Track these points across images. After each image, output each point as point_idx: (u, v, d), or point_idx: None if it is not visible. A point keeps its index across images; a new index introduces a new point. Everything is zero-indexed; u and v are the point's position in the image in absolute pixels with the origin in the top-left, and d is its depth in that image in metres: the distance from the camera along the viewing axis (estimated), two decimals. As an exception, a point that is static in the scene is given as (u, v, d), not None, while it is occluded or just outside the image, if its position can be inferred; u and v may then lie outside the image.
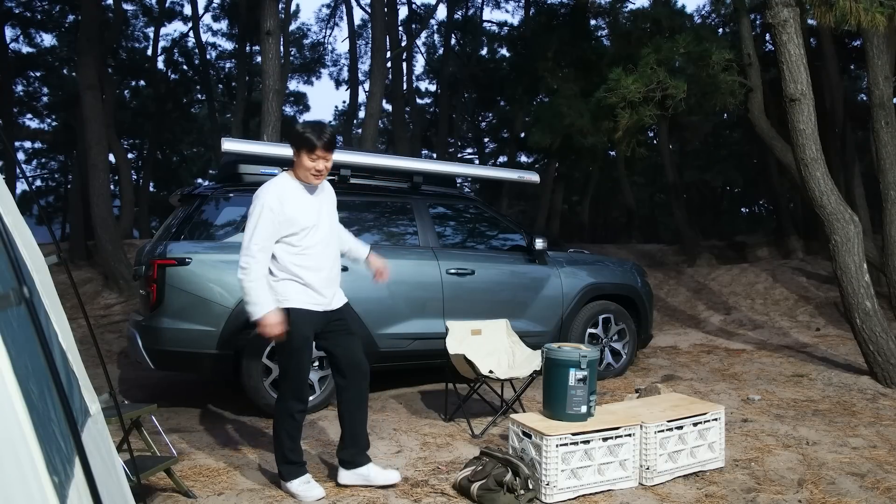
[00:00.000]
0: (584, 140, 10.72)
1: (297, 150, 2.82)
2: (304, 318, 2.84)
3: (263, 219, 2.76)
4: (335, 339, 2.98)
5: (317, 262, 2.87)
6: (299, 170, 2.85)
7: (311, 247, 2.85)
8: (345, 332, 3.00)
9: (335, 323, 2.98)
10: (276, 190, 2.81)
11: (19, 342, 1.36)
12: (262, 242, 2.77)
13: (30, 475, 1.18)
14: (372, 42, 11.59)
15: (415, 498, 2.91)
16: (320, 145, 2.78)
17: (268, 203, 2.76)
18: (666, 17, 10.14)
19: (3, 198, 1.73)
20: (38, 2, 16.55)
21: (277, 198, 2.78)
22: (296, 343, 2.83)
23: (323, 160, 2.83)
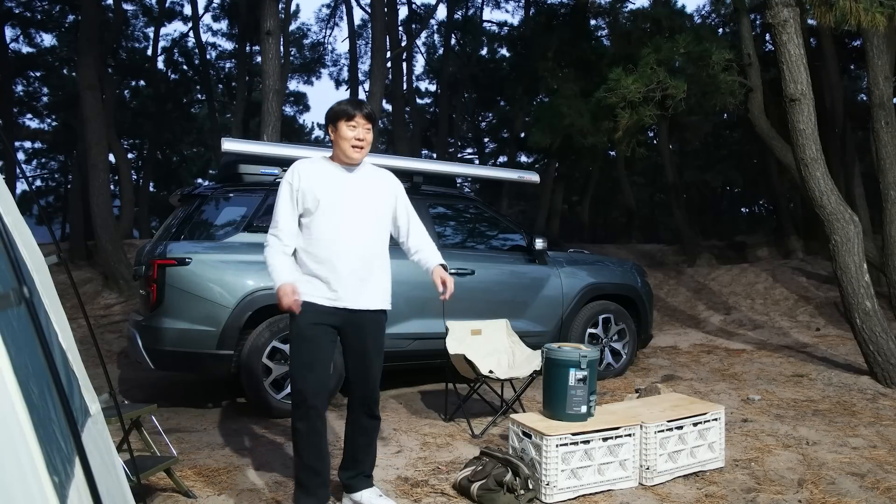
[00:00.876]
0: (584, 140, 10.73)
1: (334, 124, 2.62)
2: (306, 308, 2.56)
3: (282, 194, 2.61)
4: (347, 353, 2.71)
5: (328, 253, 2.57)
6: (339, 146, 2.62)
7: (326, 232, 2.57)
8: (357, 352, 2.68)
9: (352, 332, 2.66)
10: (300, 165, 2.64)
11: (19, 342, 1.36)
12: (282, 219, 2.59)
13: (30, 475, 1.18)
14: (372, 42, 11.58)
15: (415, 498, 2.91)
16: (359, 112, 2.59)
17: (287, 177, 2.63)
18: (666, 17, 10.14)
19: (3, 198, 1.73)
20: (39, 2, 16.56)
21: (299, 172, 2.61)
22: (294, 333, 2.60)
23: (364, 128, 2.60)
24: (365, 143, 2.61)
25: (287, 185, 2.61)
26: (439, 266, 2.74)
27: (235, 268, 4.23)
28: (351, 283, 2.59)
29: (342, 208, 2.59)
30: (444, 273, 2.71)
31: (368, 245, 2.65)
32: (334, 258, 2.57)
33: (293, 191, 2.59)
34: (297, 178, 2.59)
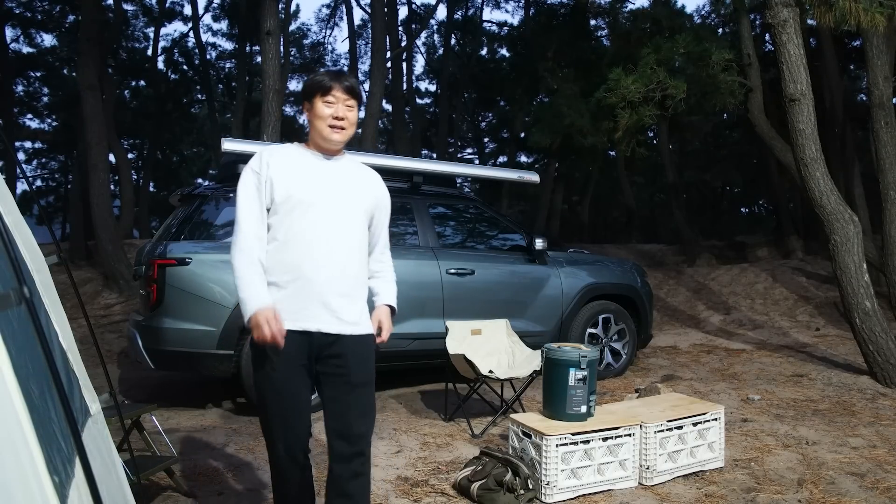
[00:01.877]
0: (584, 140, 10.74)
1: (309, 100, 2.10)
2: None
3: (244, 187, 2.09)
4: (325, 388, 2.07)
5: (301, 259, 2.01)
6: (314, 127, 2.10)
7: (299, 232, 2.03)
8: (340, 382, 2.04)
9: (331, 361, 2.04)
10: (267, 151, 2.14)
11: (20, 342, 1.36)
12: (246, 220, 2.05)
13: (30, 475, 1.18)
14: (372, 42, 11.59)
15: (415, 498, 2.91)
16: (338, 85, 2.06)
17: (250, 164, 2.11)
18: (666, 17, 10.15)
19: (4, 198, 1.73)
20: (39, 2, 16.56)
21: (266, 159, 2.09)
22: (259, 378, 2.04)
23: (344, 104, 2.07)
24: (346, 123, 2.08)
25: (251, 175, 2.07)
26: (385, 306, 2.21)
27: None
28: (329, 298, 2.02)
29: (320, 204, 2.06)
30: (385, 317, 2.19)
31: (352, 252, 2.09)
32: (309, 266, 2.01)
33: (260, 181, 2.06)
34: (265, 166, 2.06)
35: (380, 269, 2.27)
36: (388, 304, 2.23)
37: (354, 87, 2.11)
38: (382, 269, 2.28)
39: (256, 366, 2.07)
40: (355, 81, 2.14)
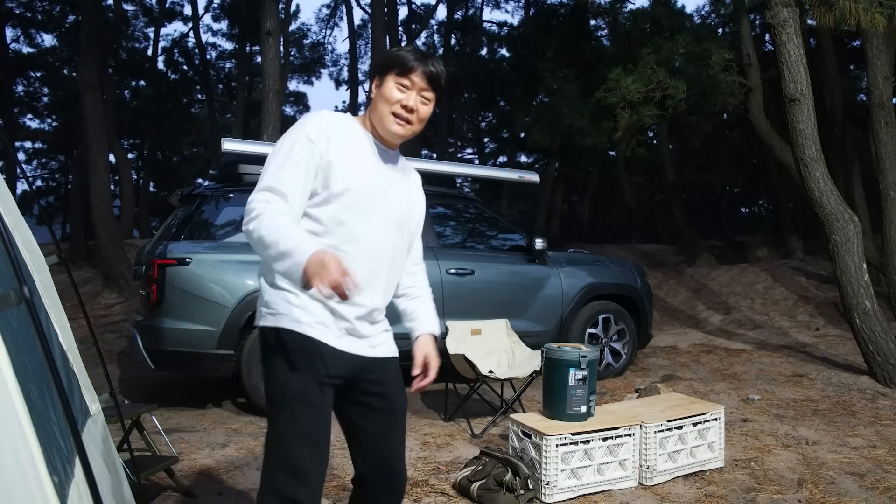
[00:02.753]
0: (584, 140, 10.74)
1: (381, 76, 1.69)
2: (304, 349, 1.60)
3: (294, 148, 1.60)
4: (365, 417, 1.74)
5: (354, 264, 1.55)
6: (375, 109, 1.69)
7: (351, 235, 1.64)
8: (384, 411, 1.76)
9: (370, 387, 1.73)
10: (329, 120, 1.67)
11: (19, 342, 1.36)
12: (289, 182, 1.58)
13: (30, 475, 1.18)
14: (372, 42, 11.60)
15: (415, 498, 2.92)
16: (420, 68, 1.65)
17: (306, 129, 1.62)
18: (666, 17, 10.16)
19: (4, 198, 1.73)
20: (39, 2, 16.56)
21: (326, 132, 1.63)
22: (280, 393, 1.61)
23: (418, 95, 1.67)
24: (416, 118, 1.68)
25: (305, 142, 1.61)
26: (429, 336, 1.84)
27: (235, 268, 4.24)
28: (369, 317, 1.72)
29: (379, 208, 1.68)
30: (432, 350, 1.82)
31: (395, 269, 1.78)
32: (365, 276, 1.64)
33: (313, 155, 1.60)
34: (323, 140, 1.62)
35: (414, 285, 1.89)
36: (432, 333, 1.84)
37: (440, 76, 1.69)
38: (417, 284, 1.90)
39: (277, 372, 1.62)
40: (443, 70, 1.70)
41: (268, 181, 1.59)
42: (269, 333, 1.64)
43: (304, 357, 1.60)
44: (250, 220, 1.52)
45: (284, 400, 1.60)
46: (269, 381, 1.65)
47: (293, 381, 1.60)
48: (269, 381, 1.65)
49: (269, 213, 1.50)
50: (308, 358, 1.60)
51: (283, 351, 1.61)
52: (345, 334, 1.66)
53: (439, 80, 1.70)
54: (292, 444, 1.59)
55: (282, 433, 1.61)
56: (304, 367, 1.60)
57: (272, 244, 1.45)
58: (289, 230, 1.47)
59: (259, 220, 1.50)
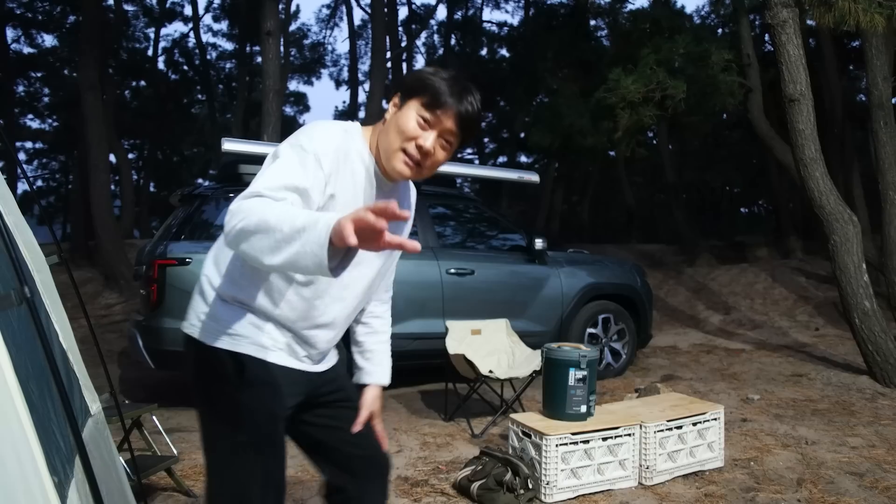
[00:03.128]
0: (584, 140, 10.75)
1: (403, 96, 1.40)
2: (270, 381, 1.41)
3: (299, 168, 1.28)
4: (330, 418, 1.58)
5: (324, 304, 1.44)
6: (387, 135, 1.39)
7: (323, 288, 1.43)
8: (347, 406, 1.60)
9: (329, 394, 1.58)
10: (340, 140, 1.37)
11: (20, 342, 1.36)
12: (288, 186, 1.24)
13: (31, 475, 1.18)
14: (372, 42, 11.61)
15: (415, 497, 2.92)
16: (455, 106, 1.35)
17: (318, 148, 1.31)
18: (665, 17, 10.17)
19: (5, 198, 1.74)
20: (40, 3, 16.57)
21: (332, 165, 1.33)
22: (237, 433, 1.38)
23: (440, 137, 1.37)
24: (429, 162, 1.38)
25: (313, 161, 1.30)
26: (378, 388, 1.66)
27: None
28: (328, 343, 1.53)
29: (367, 260, 1.48)
30: (378, 405, 1.65)
31: (369, 297, 1.60)
32: (332, 316, 1.47)
33: (319, 178, 1.31)
34: (331, 172, 1.33)
35: (380, 315, 1.69)
36: (383, 385, 1.67)
37: (474, 120, 1.39)
38: (382, 314, 1.70)
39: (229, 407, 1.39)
40: (478, 111, 1.39)
41: (260, 187, 1.21)
42: (221, 357, 1.37)
43: (270, 390, 1.38)
44: (239, 220, 1.14)
45: (243, 442, 1.37)
46: (216, 415, 1.41)
47: (256, 418, 1.37)
48: (216, 415, 1.41)
49: (263, 209, 1.13)
50: (273, 391, 1.39)
51: (243, 382, 1.36)
52: (305, 358, 1.48)
53: (472, 124, 1.38)
54: (256, 495, 1.36)
55: (240, 481, 1.37)
56: (269, 402, 1.38)
57: (277, 225, 1.07)
58: (296, 210, 1.14)
59: (251, 214, 1.12)
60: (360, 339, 1.67)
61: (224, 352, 1.38)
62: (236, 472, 1.39)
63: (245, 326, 1.40)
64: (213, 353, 1.39)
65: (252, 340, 1.39)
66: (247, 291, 1.40)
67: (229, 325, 1.39)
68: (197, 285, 1.47)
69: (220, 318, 1.40)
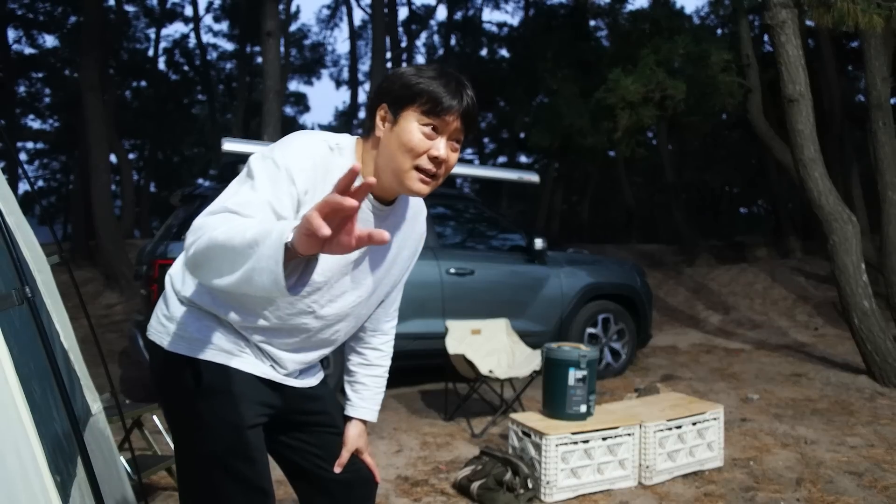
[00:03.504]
0: (584, 140, 10.76)
1: (395, 109, 1.24)
2: (230, 387, 1.30)
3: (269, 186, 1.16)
4: (310, 444, 1.47)
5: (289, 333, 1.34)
6: (389, 155, 1.24)
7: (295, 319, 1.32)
8: (329, 432, 1.49)
9: (310, 414, 1.47)
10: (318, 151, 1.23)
11: (21, 342, 1.37)
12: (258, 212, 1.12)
13: (32, 474, 1.19)
14: (372, 43, 11.62)
15: (415, 497, 2.93)
16: (458, 106, 1.22)
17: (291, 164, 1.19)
18: (665, 17, 10.18)
19: (6, 198, 1.74)
20: (41, 3, 16.58)
21: (312, 166, 1.21)
22: (205, 445, 1.29)
23: (453, 138, 1.26)
24: (444, 170, 1.26)
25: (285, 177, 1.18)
26: (363, 425, 1.54)
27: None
28: (304, 360, 1.42)
29: (350, 293, 1.35)
30: (364, 442, 1.53)
31: (360, 320, 1.46)
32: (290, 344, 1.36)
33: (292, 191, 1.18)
34: (306, 183, 1.20)
35: (378, 347, 1.56)
36: (370, 421, 1.55)
37: (476, 111, 1.27)
38: (382, 346, 1.57)
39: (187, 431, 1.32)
40: (476, 101, 1.27)
41: (224, 202, 1.11)
42: (180, 364, 1.28)
43: (231, 400, 1.27)
44: (193, 239, 1.04)
45: (206, 455, 1.28)
46: (178, 426, 1.34)
47: (217, 431, 1.27)
48: (178, 426, 1.34)
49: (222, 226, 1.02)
50: (235, 400, 1.28)
51: (201, 391, 1.28)
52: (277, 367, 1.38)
53: (475, 119, 1.27)
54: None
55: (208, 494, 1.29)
56: (231, 413, 1.27)
57: (227, 241, 0.97)
58: (250, 222, 1.01)
59: (206, 231, 1.03)
60: (353, 370, 1.55)
61: (182, 358, 1.29)
62: (203, 484, 1.30)
63: (205, 330, 1.29)
64: (173, 359, 1.30)
65: (213, 345, 1.29)
66: (211, 296, 1.29)
67: (188, 329, 1.30)
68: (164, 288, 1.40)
69: (179, 321, 1.31)
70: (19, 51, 17.58)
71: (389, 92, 1.24)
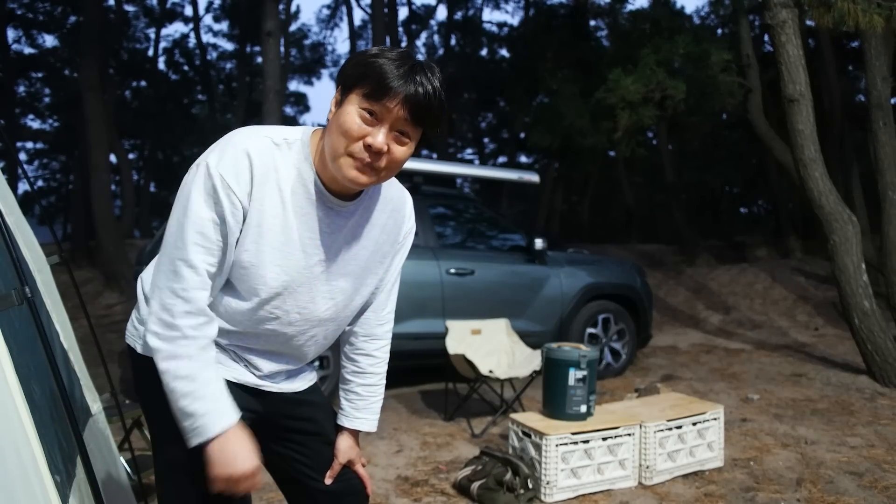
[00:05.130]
0: (584, 140, 10.76)
1: (344, 90, 1.16)
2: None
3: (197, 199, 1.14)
4: (298, 452, 1.42)
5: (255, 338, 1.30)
6: (329, 139, 1.16)
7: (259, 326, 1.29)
8: (318, 441, 1.44)
9: (296, 421, 1.41)
10: (259, 150, 1.17)
11: (21, 341, 1.37)
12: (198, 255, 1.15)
13: (32, 474, 1.19)
14: (372, 42, 11.61)
15: (415, 497, 2.92)
16: (402, 92, 1.11)
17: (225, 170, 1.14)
18: (665, 17, 10.18)
19: (6, 198, 1.74)
20: (40, 3, 16.58)
21: (249, 167, 1.15)
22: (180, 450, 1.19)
23: (396, 128, 1.14)
24: (386, 161, 1.16)
25: (222, 191, 1.14)
26: (356, 435, 1.48)
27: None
28: (282, 365, 1.38)
29: (320, 284, 1.28)
30: (357, 454, 1.48)
31: (340, 323, 1.39)
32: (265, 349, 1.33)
33: (228, 208, 1.14)
34: (245, 189, 1.15)
35: (372, 353, 1.47)
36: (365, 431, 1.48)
37: (431, 104, 1.15)
38: (377, 352, 1.47)
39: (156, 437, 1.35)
40: (438, 93, 1.16)
41: (178, 250, 1.14)
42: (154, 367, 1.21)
43: None
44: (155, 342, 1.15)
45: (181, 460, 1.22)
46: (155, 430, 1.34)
47: None
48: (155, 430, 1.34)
49: (179, 349, 1.14)
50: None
51: None
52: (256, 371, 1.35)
53: (429, 108, 1.14)
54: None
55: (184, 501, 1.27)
56: None
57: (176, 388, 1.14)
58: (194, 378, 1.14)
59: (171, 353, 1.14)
60: (347, 378, 1.47)
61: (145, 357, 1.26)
62: (178, 491, 1.28)
63: None
64: (146, 363, 1.24)
65: None
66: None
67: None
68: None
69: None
70: (19, 50, 17.59)
71: (344, 72, 1.17)
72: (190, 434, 1.14)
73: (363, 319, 1.46)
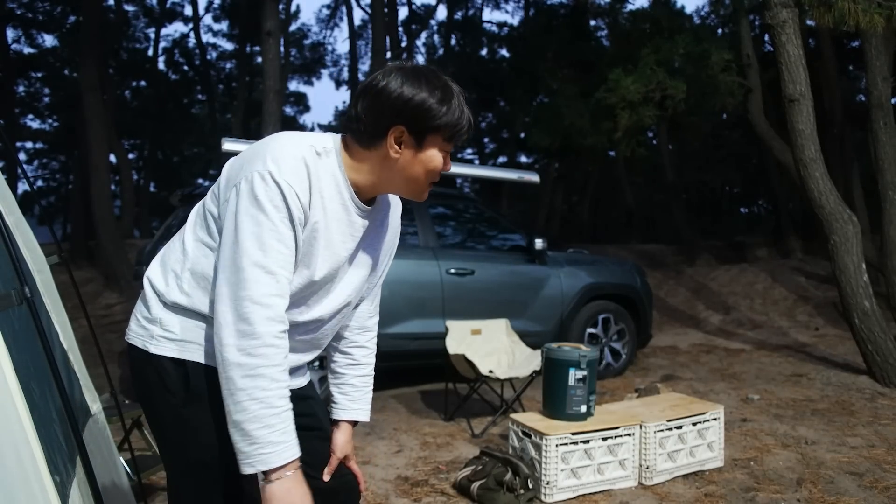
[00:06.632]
0: (584, 140, 10.76)
1: (417, 132, 1.24)
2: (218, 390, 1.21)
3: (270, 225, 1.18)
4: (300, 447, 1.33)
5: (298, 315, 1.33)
6: (405, 174, 1.28)
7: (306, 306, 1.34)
8: (315, 436, 1.44)
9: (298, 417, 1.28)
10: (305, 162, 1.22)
11: (21, 341, 1.37)
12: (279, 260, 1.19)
13: (31, 474, 1.18)
14: (372, 42, 11.62)
15: (415, 497, 2.92)
16: (466, 131, 1.29)
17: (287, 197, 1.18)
18: (665, 17, 10.18)
19: (5, 197, 1.74)
20: (40, 3, 16.58)
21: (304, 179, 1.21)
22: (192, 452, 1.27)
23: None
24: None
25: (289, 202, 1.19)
26: (351, 427, 1.52)
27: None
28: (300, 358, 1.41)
29: (337, 285, 1.37)
30: (351, 448, 1.51)
31: (342, 320, 1.47)
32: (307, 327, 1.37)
33: (297, 215, 1.20)
34: (304, 203, 1.21)
35: (363, 345, 1.54)
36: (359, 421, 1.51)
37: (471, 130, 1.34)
38: (366, 344, 1.55)
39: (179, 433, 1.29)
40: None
41: (256, 256, 1.16)
42: (165, 367, 1.25)
43: (219, 404, 1.21)
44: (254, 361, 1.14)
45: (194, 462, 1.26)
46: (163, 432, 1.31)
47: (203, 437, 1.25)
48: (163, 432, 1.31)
49: (277, 358, 1.16)
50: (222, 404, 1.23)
51: (188, 395, 1.26)
52: None
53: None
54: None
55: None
56: (219, 417, 1.22)
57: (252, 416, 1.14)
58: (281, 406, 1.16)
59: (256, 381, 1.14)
60: (340, 371, 1.51)
61: (168, 360, 1.26)
62: (188, 492, 1.29)
63: (192, 332, 1.27)
64: (157, 363, 1.26)
65: (200, 347, 1.26)
66: (195, 298, 1.27)
67: (174, 331, 1.27)
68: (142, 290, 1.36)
69: (164, 323, 1.28)
70: (19, 50, 17.58)
71: (407, 118, 1.23)
72: (249, 459, 1.14)
73: (358, 312, 1.53)
